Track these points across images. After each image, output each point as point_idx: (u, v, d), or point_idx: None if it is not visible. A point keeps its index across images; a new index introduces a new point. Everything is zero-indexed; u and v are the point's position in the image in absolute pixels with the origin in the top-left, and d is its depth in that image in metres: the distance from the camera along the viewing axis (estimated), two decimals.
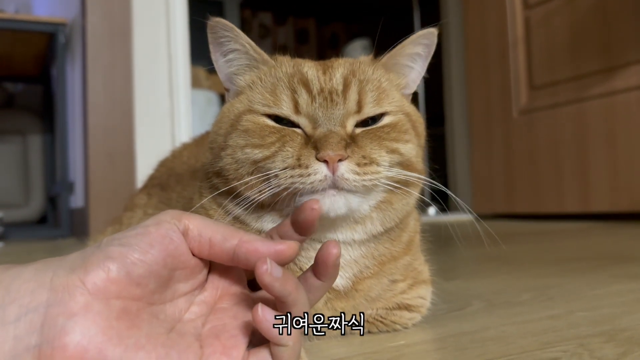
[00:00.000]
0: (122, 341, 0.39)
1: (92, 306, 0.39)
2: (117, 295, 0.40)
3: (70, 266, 0.41)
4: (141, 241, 0.42)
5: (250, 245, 0.45)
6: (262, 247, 0.45)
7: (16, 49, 3.08)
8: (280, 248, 0.45)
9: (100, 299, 0.39)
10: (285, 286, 0.42)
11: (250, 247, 0.44)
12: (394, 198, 0.59)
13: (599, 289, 0.91)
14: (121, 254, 0.41)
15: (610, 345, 0.58)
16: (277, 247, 0.45)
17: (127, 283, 0.40)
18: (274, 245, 0.45)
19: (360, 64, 0.62)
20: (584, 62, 2.45)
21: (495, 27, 2.89)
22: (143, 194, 1.02)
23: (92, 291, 0.39)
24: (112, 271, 0.40)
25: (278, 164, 0.55)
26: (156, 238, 0.43)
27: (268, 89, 0.60)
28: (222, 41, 0.62)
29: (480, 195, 2.99)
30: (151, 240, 0.42)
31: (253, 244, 0.45)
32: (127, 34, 2.32)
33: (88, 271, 0.40)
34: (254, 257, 0.44)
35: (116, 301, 0.40)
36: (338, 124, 0.56)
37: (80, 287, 0.39)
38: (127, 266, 0.41)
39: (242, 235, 0.45)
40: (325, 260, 0.47)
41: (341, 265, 0.60)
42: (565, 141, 2.54)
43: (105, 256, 0.41)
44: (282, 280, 0.42)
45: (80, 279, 0.39)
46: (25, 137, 3.71)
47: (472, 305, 0.82)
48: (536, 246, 1.67)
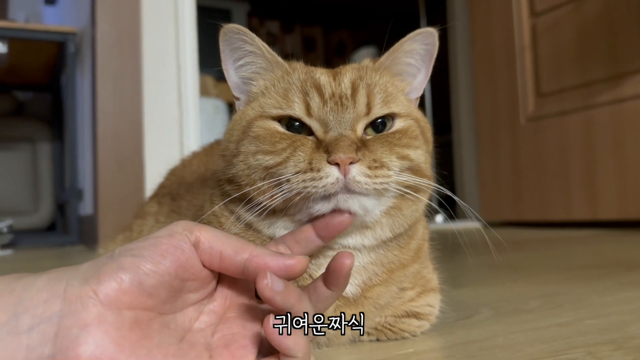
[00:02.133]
0: (134, 352, 0.40)
1: (105, 317, 0.39)
2: (129, 306, 0.41)
3: (83, 276, 0.41)
4: (153, 252, 0.43)
5: (260, 260, 0.45)
6: (272, 262, 0.45)
7: (26, 58, 3.11)
8: (290, 263, 0.46)
9: (113, 310, 0.40)
10: (288, 299, 0.43)
11: (261, 262, 0.45)
12: (403, 204, 0.60)
13: (607, 297, 0.91)
14: (134, 265, 0.41)
15: (619, 353, 0.58)
16: (287, 262, 0.46)
17: (139, 294, 0.41)
18: (283, 260, 0.46)
19: (367, 69, 0.63)
20: (591, 69, 2.45)
21: (502, 35, 2.89)
22: (154, 202, 1.02)
23: (105, 302, 0.40)
24: (125, 282, 0.41)
25: (290, 169, 0.55)
26: (168, 249, 0.43)
27: (280, 94, 0.60)
28: (236, 46, 0.62)
29: (487, 203, 2.98)
30: (163, 251, 0.43)
31: (263, 259, 0.45)
32: (136, 43, 2.34)
33: (101, 282, 0.40)
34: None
35: (128, 312, 0.41)
36: (349, 127, 0.57)
37: (93, 297, 0.40)
38: (140, 277, 0.41)
39: (252, 249, 0.46)
40: (338, 270, 0.48)
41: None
42: (573, 148, 2.53)
43: (118, 267, 0.41)
44: (284, 294, 0.43)
45: (93, 289, 0.40)
46: (35, 145, 3.75)
47: (481, 313, 0.82)
48: (544, 254, 1.66)
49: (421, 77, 0.67)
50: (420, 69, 0.66)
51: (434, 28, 0.64)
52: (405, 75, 0.66)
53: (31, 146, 3.74)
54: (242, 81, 0.65)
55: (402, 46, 0.64)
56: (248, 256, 0.45)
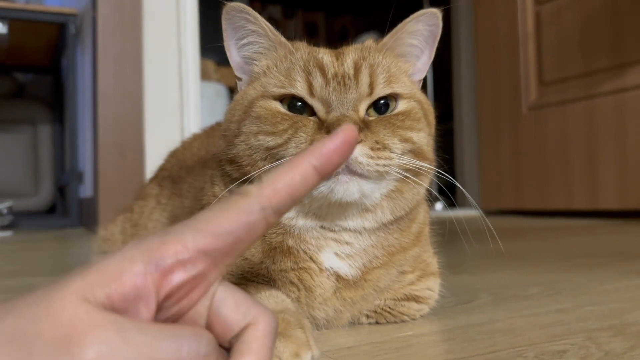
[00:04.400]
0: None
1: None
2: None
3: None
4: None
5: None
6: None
7: (27, 39, 3.09)
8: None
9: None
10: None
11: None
12: (404, 187, 0.59)
13: (607, 285, 0.91)
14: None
15: (618, 339, 0.58)
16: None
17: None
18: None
19: (370, 50, 0.62)
20: (595, 58, 2.43)
21: (505, 23, 2.87)
22: (154, 184, 1.02)
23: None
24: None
25: (291, 150, 0.55)
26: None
27: (283, 73, 0.60)
28: (238, 25, 0.61)
29: (488, 191, 2.98)
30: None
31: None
32: (138, 26, 2.32)
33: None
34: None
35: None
36: (351, 108, 0.57)
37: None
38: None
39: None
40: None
41: (351, 254, 0.60)
42: (575, 138, 2.53)
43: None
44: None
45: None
46: (35, 127, 3.74)
47: (480, 299, 0.82)
48: (544, 242, 1.67)
49: (425, 58, 0.66)
50: (424, 50, 0.65)
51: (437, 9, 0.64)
52: (409, 56, 0.65)
53: (31, 128, 3.73)
54: (244, 61, 0.64)
55: (405, 27, 0.63)
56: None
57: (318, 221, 0.59)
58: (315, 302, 0.60)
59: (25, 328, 0.29)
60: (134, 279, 0.32)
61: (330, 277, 0.60)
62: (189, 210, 0.81)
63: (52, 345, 0.29)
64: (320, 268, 0.60)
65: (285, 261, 0.60)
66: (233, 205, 0.35)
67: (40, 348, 0.29)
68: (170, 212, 0.92)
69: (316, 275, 0.60)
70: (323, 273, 0.60)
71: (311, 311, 0.61)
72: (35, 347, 0.29)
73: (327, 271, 0.60)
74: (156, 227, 0.94)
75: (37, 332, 0.29)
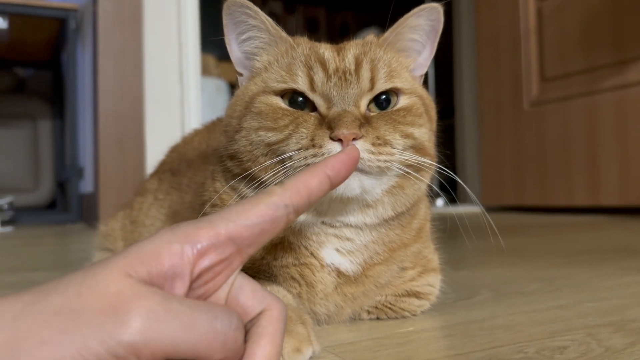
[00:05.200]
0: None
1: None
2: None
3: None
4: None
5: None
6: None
7: (27, 34, 3.09)
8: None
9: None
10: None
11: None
12: (405, 183, 0.59)
13: (608, 281, 0.91)
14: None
15: (618, 335, 0.58)
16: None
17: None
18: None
19: (371, 45, 0.62)
20: (596, 54, 2.43)
21: (507, 18, 2.86)
22: (154, 179, 1.02)
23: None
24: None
25: (292, 146, 0.55)
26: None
27: (284, 68, 0.60)
28: (239, 20, 0.61)
29: (489, 188, 2.98)
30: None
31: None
32: (138, 21, 2.32)
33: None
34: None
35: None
36: (352, 103, 0.56)
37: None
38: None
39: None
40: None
41: (352, 250, 0.60)
42: (576, 134, 2.52)
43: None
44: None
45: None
46: (36, 122, 3.74)
47: (481, 295, 0.82)
48: (545, 239, 1.67)
49: (426, 53, 0.66)
50: (425, 45, 0.65)
51: (439, 3, 0.63)
52: (410, 51, 0.65)
53: (32, 123, 3.73)
54: (245, 56, 0.64)
55: (406, 21, 0.63)
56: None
57: (319, 217, 0.59)
58: (316, 297, 0.60)
59: (70, 303, 0.32)
60: (171, 258, 0.35)
61: (331, 273, 0.60)
62: (190, 206, 0.81)
63: (100, 315, 0.31)
64: (322, 264, 0.60)
65: (286, 257, 0.60)
66: (261, 201, 0.39)
67: (88, 318, 0.31)
68: (168, 207, 0.92)
69: (317, 271, 0.60)
70: (324, 269, 0.60)
71: (312, 307, 0.61)
72: (83, 318, 0.31)
73: (328, 267, 0.60)
74: (154, 224, 0.93)
75: (84, 305, 0.32)
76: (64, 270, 1.19)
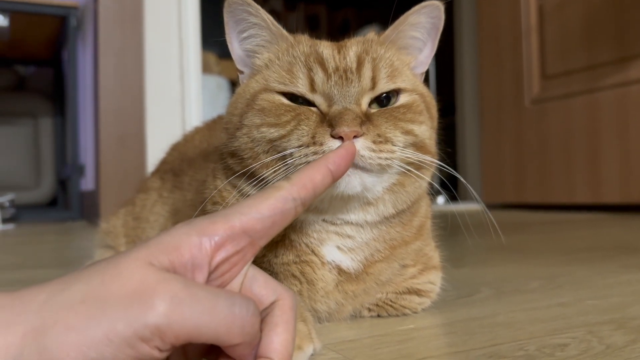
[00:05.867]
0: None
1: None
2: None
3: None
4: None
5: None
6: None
7: (28, 32, 3.08)
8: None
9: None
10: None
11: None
12: (406, 180, 0.59)
13: (609, 279, 0.91)
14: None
15: (619, 333, 0.58)
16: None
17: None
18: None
19: (372, 43, 0.62)
20: (598, 51, 2.42)
21: (508, 15, 2.86)
22: (156, 178, 1.02)
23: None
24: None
25: (293, 143, 0.55)
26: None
27: (285, 68, 0.60)
28: (240, 18, 0.61)
29: (490, 185, 2.98)
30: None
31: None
32: (139, 18, 2.31)
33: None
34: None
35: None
36: (353, 101, 0.56)
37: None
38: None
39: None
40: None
41: (353, 247, 0.60)
42: (577, 131, 2.52)
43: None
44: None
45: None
46: (37, 120, 3.74)
47: (481, 292, 0.82)
48: (546, 236, 1.67)
49: (427, 51, 0.66)
50: (426, 43, 0.65)
51: (440, 1, 0.63)
52: (411, 49, 0.65)
53: (33, 121, 3.73)
54: (246, 54, 0.64)
55: (407, 19, 0.63)
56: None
57: (320, 215, 0.59)
58: (317, 295, 0.60)
59: (95, 291, 0.33)
60: (191, 250, 0.37)
61: (332, 271, 0.60)
62: (191, 204, 0.81)
63: (126, 299, 0.33)
64: (322, 261, 0.60)
65: (287, 254, 0.60)
66: (271, 195, 0.41)
67: (113, 303, 0.33)
68: (171, 205, 0.92)
69: (318, 269, 0.60)
70: (325, 266, 0.60)
71: (313, 304, 0.61)
72: (109, 304, 0.32)
73: (329, 264, 0.60)
74: (157, 221, 0.94)
75: (108, 292, 0.33)
76: (65, 267, 1.19)
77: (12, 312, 0.32)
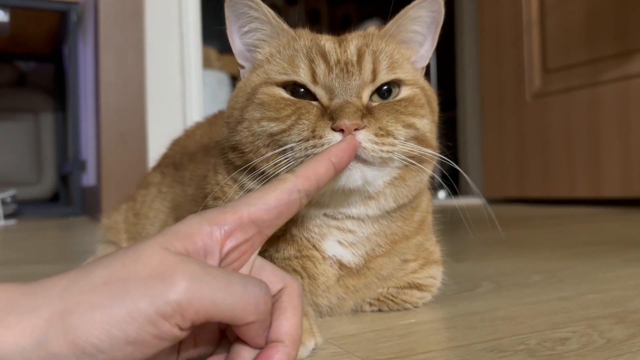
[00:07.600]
0: None
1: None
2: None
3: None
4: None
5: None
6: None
7: (29, 28, 3.08)
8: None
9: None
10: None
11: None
12: (407, 174, 0.59)
13: (609, 272, 0.91)
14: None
15: (620, 327, 0.58)
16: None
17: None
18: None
19: (372, 37, 0.62)
20: (599, 45, 2.41)
21: (509, 9, 2.85)
22: (157, 173, 1.02)
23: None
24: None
25: (294, 137, 0.55)
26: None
27: (286, 60, 0.60)
28: (241, 12, 0.61)
29: (491, 180, 2.97)
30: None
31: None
32: (139, 14, 2.31)
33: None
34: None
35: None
36: (354, 94, 0.56)
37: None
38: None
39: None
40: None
41: (354, 242, 0.61)
42: (579, 125, 2.51)
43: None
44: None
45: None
46: (38, 116, 3.74)
47: (482, 287, 0.82)
48: (547, 230, 1.67)
49: (427, 45, 0.65)
50: (427, 37, 0.65)
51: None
52: (411, 43, 0.65)
53: (34, 117, 3.73)
54: (246, 48, 0.64)
55: (407, 13, 0.63)
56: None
57: (321, 209, 0.59)
58: (318, 289, 0.60)
59: (117, 273, 0.35)
60: (203, 238, 0.40)
61: (333, 265, 0.60)
62: (192, 199, 0.81)
63: (147, 279, 0.35)
64: (323, 256, 0.60)
65: (288, 249, 0.60)
66: (277, 187, 0.44)
67: (135, 283, 0.34)
68: (171, 200, 0.92)
69: (319, 263, 0.60)
70: (326, 261, 0.60)
71: (314, 299, 0.61)
72: (131, 284, 0.34)
73: (330, 259, 0.60)
74: (157, 217, 0.94)
75: (130, 274, 0.35)
76: (67, 263, 1.19)
77: (35, 298, 0.34)
